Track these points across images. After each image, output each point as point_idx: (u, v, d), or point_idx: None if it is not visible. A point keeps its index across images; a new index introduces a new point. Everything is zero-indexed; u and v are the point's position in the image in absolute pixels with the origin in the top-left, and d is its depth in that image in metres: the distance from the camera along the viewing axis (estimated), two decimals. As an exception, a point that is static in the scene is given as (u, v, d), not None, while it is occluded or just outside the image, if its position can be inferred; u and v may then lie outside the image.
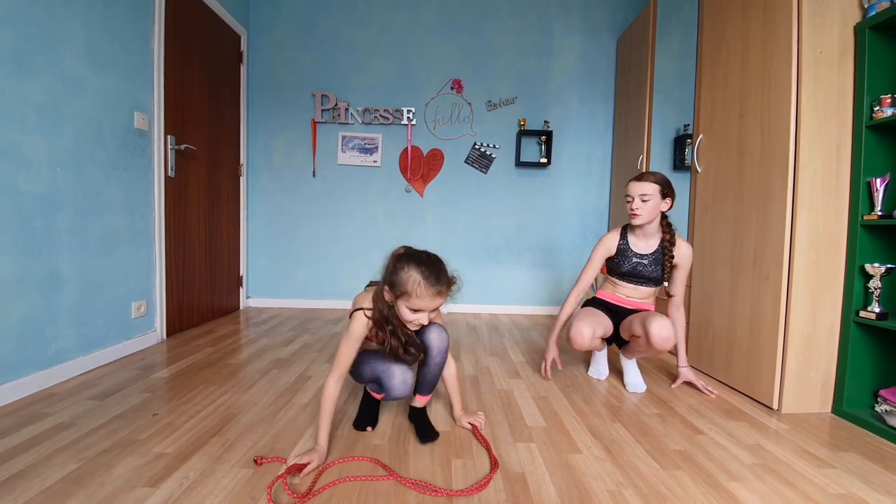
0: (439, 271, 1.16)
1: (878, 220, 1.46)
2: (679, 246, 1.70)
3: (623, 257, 1.75)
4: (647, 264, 1.72)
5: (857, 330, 1.52)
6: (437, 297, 1.14)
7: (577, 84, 3.35)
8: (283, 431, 1.32)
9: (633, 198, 1.66)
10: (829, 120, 1.53)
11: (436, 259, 1.19)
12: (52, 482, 1.02)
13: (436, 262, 1.18)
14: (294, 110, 3.27)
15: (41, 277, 1.61)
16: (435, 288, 1.13)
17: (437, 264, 1.18)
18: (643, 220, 1.66)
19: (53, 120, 1.65)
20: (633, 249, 1.74)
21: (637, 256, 1.73)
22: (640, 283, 1.76)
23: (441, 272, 1.16)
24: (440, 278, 1.14)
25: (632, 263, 1.73)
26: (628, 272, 1.75)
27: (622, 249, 1.76)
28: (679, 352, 1.78)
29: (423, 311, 1.16)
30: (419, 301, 1.13)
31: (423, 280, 1.12)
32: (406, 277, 1.12)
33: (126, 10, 2.01)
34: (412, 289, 1.12)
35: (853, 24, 1.52)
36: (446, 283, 1.16)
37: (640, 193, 1.64)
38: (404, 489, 1.04)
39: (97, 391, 1.58)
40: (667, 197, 1.66)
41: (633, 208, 1.67)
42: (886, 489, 1.11)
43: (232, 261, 3.09)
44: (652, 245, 1.73)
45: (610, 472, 1.15)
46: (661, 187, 1.65)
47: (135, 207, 2.09)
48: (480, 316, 3.25)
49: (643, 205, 1.64)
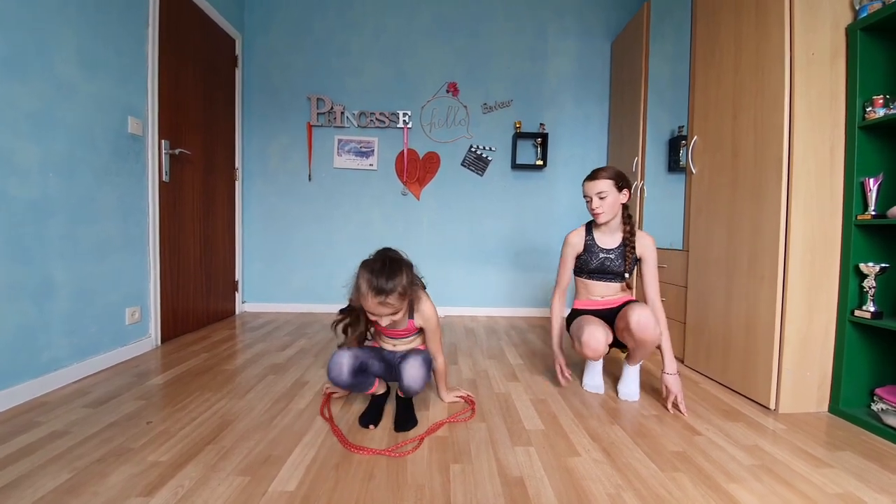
0: (387, 280, 1.24)
1: (871, 219, 1.47)
2: (640, 237, 1.70)
3: (590, 254, 1.74)
4: (614, 258, 1.71)
5: (852, 329, 1.53)
6: (381, 306, 1.26)
7: (572, 86, 3.36)
8: (280, 438, 1.30)
9: (590, 197, 1.66)
10: (822, 121, 1.54)
11: (390, 266, 1.27)
12: (45, 492, 1.01)
13: (388, 270, 1.26)
14: (289, 114, 3.26)
15: (33, 284, 1.59)
16: (377, 298, 1.24)
17: (387, 273, 1.25)
18: (607, 217, 1.66)
19: (45, 125, 1.63)
20: (599, 245, 1.73)
21: (604, 252, 1.72)
22: (609, 280, 1.74)
23: (389, 280, 1.24)
24: (383, 289, 1.24)
25: (599, 259, 1.72)
26: (597, 268, 1.73)
27: (589, 246, 1.75)
28: (664, 356, 1.60)
29: (381, 316, 1.29)
30: (368, 307, 1.28)
31: (369, 289, 1.25)
32: (358, 285, 1.28)
33: (120, 15, 2.00)
34: (361, 297, 1.27)
35: (844, 25, 1.53)
36: (392, 292, 1.24)
37: (597, 192, 1.64)
38: (404, 490, 1.03)
39: (91, 399, 1.56)
40: (623, 189, 1.66)
41: (593, 208, 1.67)
42: (883, 488, 1.11)
43: (227, 265, 3.07)
44: (617, 239, 1.72)
45: (609, 474, 1.14)
46: (615, 181, 1.64)
47: (128, 213, 2.08)
48: (477, 318, 3.25)
49: (602, 202, 1.64)
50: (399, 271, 1.28)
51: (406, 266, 1.33)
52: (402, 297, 1.27)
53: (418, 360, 1.39)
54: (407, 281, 1.29)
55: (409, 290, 1.30)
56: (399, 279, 1.26)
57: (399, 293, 1.26)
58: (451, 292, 3.37)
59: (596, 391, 1.75)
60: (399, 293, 1.26)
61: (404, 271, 1.30)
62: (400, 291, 1.26)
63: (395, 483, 1.08)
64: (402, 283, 1.27)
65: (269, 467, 1.14)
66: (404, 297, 1.28)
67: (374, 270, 1.26)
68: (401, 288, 1.26)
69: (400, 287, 1.26)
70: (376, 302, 1.25)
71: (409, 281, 1.31)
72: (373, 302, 1.25)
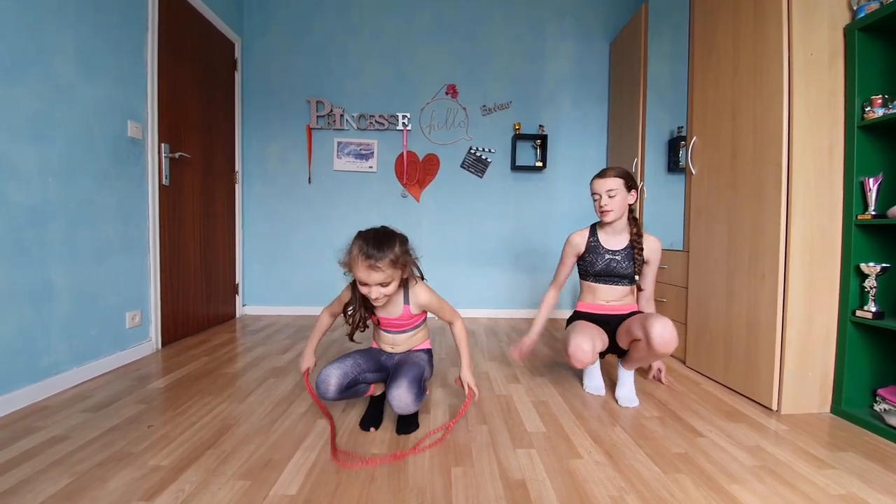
0: (378, 246, 1.23)
1: (871, 219, 1.47)
2: (647, 240, 1.70)
3: (595, 255, 1.72)
4: (620, 260, 1.69)
5: (853, 329, 1.53)
6: (371, 270, 1.23)
7: (571, 88, 3.37)
8: (280, 441, 1.30)
9: (600, 195, 1.66)
10: (821, 121, 1.54)
11: (383, 235, 1.27)
12: (45, 497, 1.00)
13: (381, 237, 1.26)
14: (289, 117, 3.27)
15: (33, 288, 1.59)
16: (367, 261, 1.22)
17: (380, 239, 1.25)
18: (615, 216, 1.66)
19: (45, 129, 1.63)
20: (604, 246, 1.72)
21: (609, 253, 1.70)
22: (615, 283, 1.71)
23: (380, 247, 1.23)
24: (373, 254, 1.22)
25: (605, 260, 1.70)
26: (602, 270, 1.71)
27: (593, 247, 1.73)
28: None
29: (368, 284, 1.26)
30: (358, 273, 1.25)
31: (359, 253, 1.24)
32: (351, 249, 1.27)
33: (119, 19, 2.00)
34: (352, 260, 1.26)
35: (842, 25, 1.54)
36: (383, 258, 1.23)
37: (607, 189, 1.64)
38: (405, 493, 1.03)
39: (91, 403, 1.56)
40: (631, 189, 1.66)
41: (601, 205, 1.66)
42: (886, 489, 1.11)
43: (227, 269, 3.07)
44: (623, 241, 1.71)
45: (611, 477, 1.14)
46: (625, 180, 1.64)
47: (128, 216, 2.08)
48: (478, 320, 3.24)
49: (611, 200, 1.64)
50: (393, 241, 1.27)
51: (400, 238, 1.31)
52: (393, 264, 1.25)
53: (407, 379, 1.31)
54: (400, 251, 1.27)
55: (401, 260, 1.27)
56: (392, 247, 1.25)
57: (391, 260, 1.24)
58: (451, 294, 3.34)
59: (597, 393, 1.74)
60: (391, 260, 1.24)
61: (398, 242, 1.29)
62: (392, 258, 1.24)
63: (396, 486, 1.08)
64: (394, 251, 1.25)
65: (270, 471, 1.13)
66: (396, 265, 1.26)
67: (367, 238, 1.26)
68: (392, 255, 1.24)
69: (392, 254, 1.24)
70: (366, 265, 1.22)
71: (403, 251, 1.29)
72: (363, 266, 1.23)
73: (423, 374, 1.42)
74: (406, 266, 1.33)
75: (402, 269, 1.30)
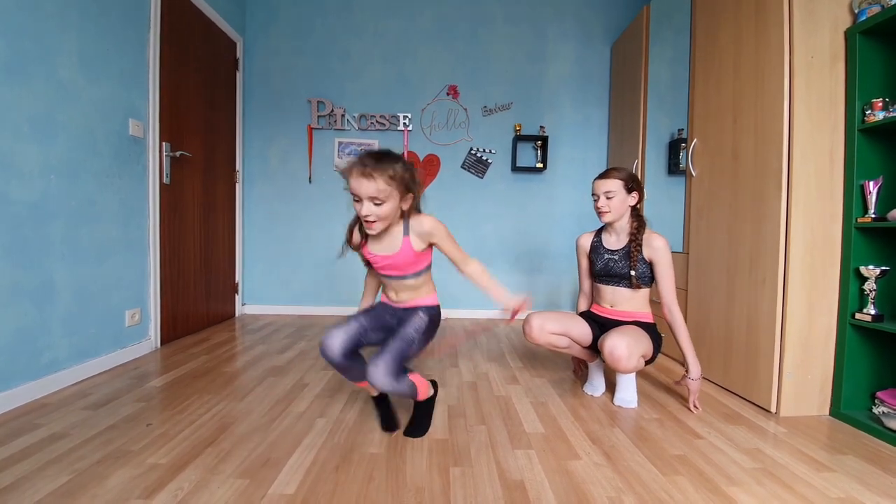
0: (377, 158, 1.19)
1: (871, 222, 1.47)
2: (650, 238, 1.62)
3: (596, 255, 1.74)
4: (618, 259, 1.67)
5: (853, 332, 1.53)
6: (363, 177, 1.17)
7: (572, 89, 3.37)
8: (279, 440, 1.30)
9: (598, 196, 1.66)
10: (822, 124, 1.54)
11: (386, 153, 1.23)
12: (44, 495, 1.01)
13: (383, 153, 1.22)
14: (290, 117, 3.27)
15: (33, 286, 1.59)
16: (360, 168, 1.17)
17: (381, 154, 1.21)
18: (612, 218, 1.66)
19: (46, 128, 1.64)
20: (605, 246, 1.73)
21: (608, 252, 1.71)
22: (615, 284, 1.69)
23: (379, 159, 1.19)
24: (368, 162, 1.17)
25: (604, 260, 1.71)
26: (601, 270, 1.71)
27: (595, 246, 1.76)
28: (686, 358, 1.59)
29: (361, 197, 1.19)
30: (351, 181, 1.19)
31: (356, 159, 1.19)
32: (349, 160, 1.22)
33: (121, 18, 2.01)
34: (348, 166, 1.20)
35: (843, 29, 1.54)
36: (378, 167, 1.17)
37: (605, 191, 1.64)
38: (404, 492, 1.03)
39: (90, 401, 1.56)
40: (633, 191, 1.65)
41: (599, 206, 1.67)
42: (885, 491, 1.11)
43: (227, 268, 3.07)
44: (623, 241, 1.70)
45: (609, 478, 1.14)
46: (625, 182, 1.64)
47: (129, 215, 2.08)
48: (478, 321, 3.24)
49: (609, 202, 1.64)
50: (395, 159, 1.21)
51: (406, 162, 1.24)
52: (390, 180, 1.17)
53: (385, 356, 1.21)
54: (401, 169, 1.20)
55: (399, 178, 1.19)
56: (392, 163, 1.19)
57: (388, 175, 1.17)
58: (451, 294, 3.36)
59: (596, 394, 1.75)
60: (388, 175, 1.17)
61: (401, 162, 1.22)
62: (390, 174, 1.17)
63: (395, 485, 1.08)
64: (393, 166, 1.18)
65: (269, 470, 1.14)
66: (392, 181, 1.18)
67: (370, 151, 1.22)
68: (391, 170, 1.17)
69: (390, 169, 1.17)
70: (359, 172, 1.16)
71: (405, 170, 1.22)
72: (356, 172, 1.16)
73: (409, 349, 1.28)
74: (407, 189, 1.23)
75: (400, 192, 1.21)
